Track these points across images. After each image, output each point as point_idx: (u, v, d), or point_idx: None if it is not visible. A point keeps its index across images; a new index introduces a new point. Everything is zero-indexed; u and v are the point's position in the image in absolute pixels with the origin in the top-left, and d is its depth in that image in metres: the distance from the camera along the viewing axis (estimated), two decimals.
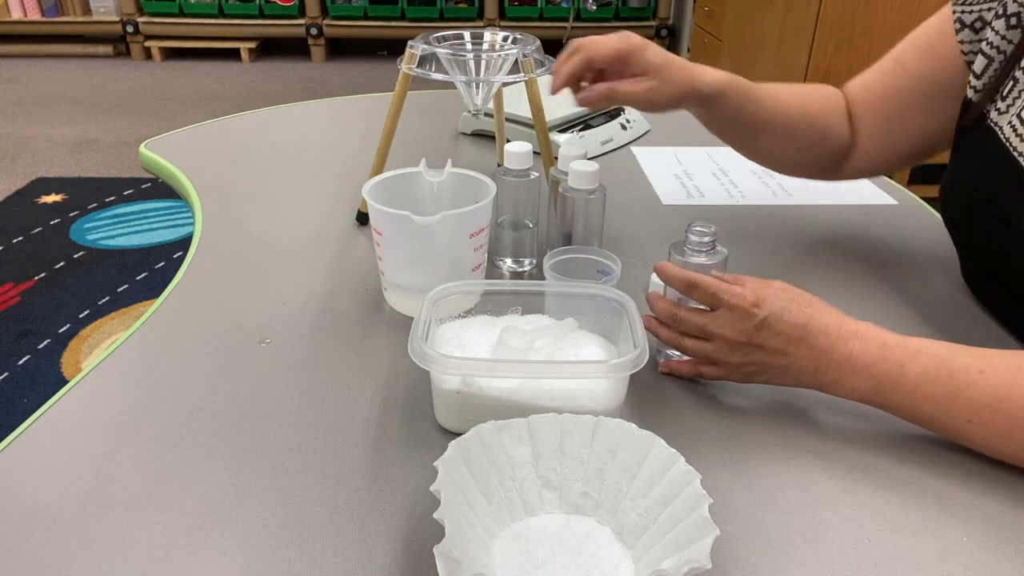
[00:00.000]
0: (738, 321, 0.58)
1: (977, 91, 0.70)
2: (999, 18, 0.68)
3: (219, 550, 0.49)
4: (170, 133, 1.21)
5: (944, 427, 0.56)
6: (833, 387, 0.58)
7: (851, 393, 0.58)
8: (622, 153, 1.18)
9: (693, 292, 0.61)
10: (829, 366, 0.57)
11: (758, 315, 0.58)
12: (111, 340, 1.95)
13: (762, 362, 0.59)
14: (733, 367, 0.60)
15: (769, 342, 0.58)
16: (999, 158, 0.65)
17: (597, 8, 4.46)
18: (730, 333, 0.59)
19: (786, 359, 0.58)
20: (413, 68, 0.81)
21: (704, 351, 0.61)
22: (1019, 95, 0.65)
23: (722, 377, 0.62)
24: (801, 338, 0.57)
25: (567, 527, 0.50)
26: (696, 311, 0.61)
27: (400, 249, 0.71)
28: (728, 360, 0.60)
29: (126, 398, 0.62)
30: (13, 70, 4.20)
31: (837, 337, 0.57)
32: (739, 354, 0.59)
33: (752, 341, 0.58)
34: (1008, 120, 0.65)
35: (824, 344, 0.57)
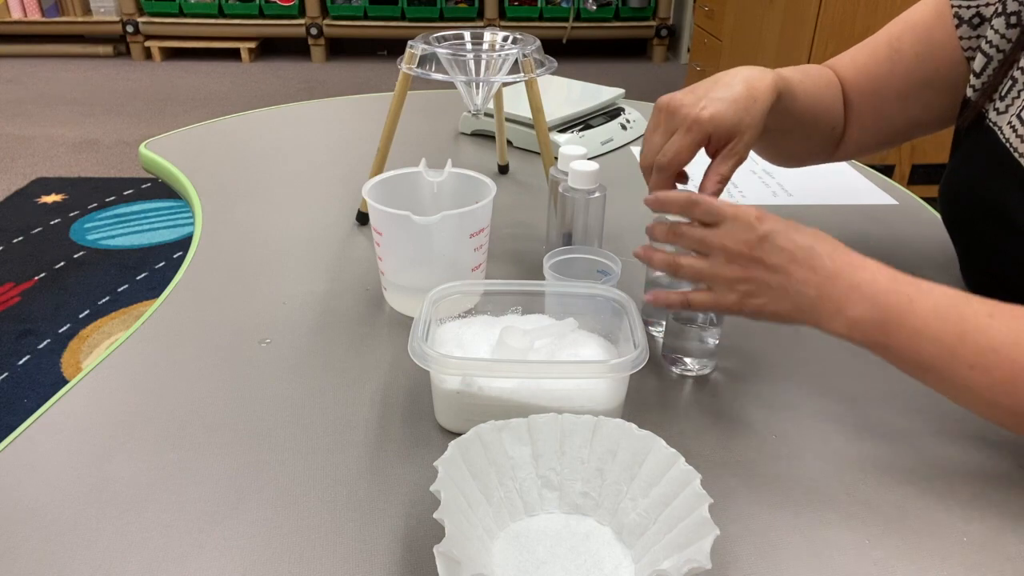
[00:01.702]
0: (740, 231, 0.55)
1: (976, 90, 0.70)
2: (999, 16, 0.68)
3: (219, 550, 0.49)
4: (170, 133, 1.21)
5: (943, 373, 0.52)
6: (833, 318, 0.54)
7: (852, 326, 0.54)
8: (622, 153, 1.18)
9: (695, 209, 0.58)
10: (833, 292, 0.54)
11: (761, 227, 0.55)
12: (111, 340, 1.95)
13: (760, 279, 0.55)
14: (728, 285, 0.56)
15: (771, 257, 0.54)
16: (999, 158, 0.65)
17: (597, 8, 4.46)
18: (730, 243, 0.55)
19: (787, 278, 0.54)
20: (413, 68, 0.81)
21: (699, 268, 0.57)
22: (1018, 95, 0.65)
23: (713, 305, 0.58)
24: (805, 258, 0.54)
25: (567, 527, 0.50)
26: (697, 226, 0.58)
27: (400, 249, 0.71)
28: (724, 275, 0.56)
29: (126, 398, 0.62)
30: (13, 70, 4.20)
31: (844, 263, 0.54)
32: (737, 267, 0.55)
33: (753, 252, 0.55)
34: (1008, 120, 0.65)
35: (830, 267, 0.54)
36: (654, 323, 0.72)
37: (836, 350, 0.70)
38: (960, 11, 0.72)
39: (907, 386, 0.65)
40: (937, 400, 0.63)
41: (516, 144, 1.18)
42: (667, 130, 0.65)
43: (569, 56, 4.53)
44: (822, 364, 0.68)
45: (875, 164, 1.17)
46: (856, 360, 0.69)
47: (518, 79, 0.83)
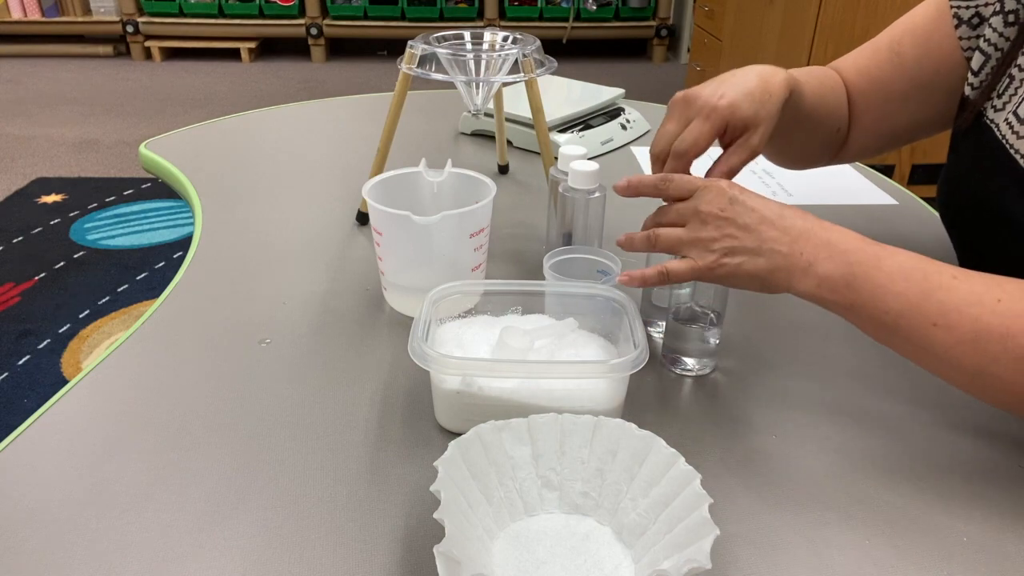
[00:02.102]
0: (712, 196, 0.58)
1: (974, 88, 0.70)
2: (997, 15, 0.68)
3: (219, 550, 0.49)
4: (170, 133, 1.21)
5: (907, 330, 0.53)
6: (805, 274, 0.55)
7: (821, 282, 0.55)
8: (622, 153, 1.18)
9: (668, 185, 0.60)
10: (805, 248, 0.55)
11: (731, 191, 0.58)
12: (111, 340, 1.95)
13: (734, 238, 0.57)
14: (704, 247, 0.57)
15: (742, 216, 0.57)
16: (996, 155, 0.65)
17: (597, 8, 4.46)
18: (703, 206, 0.58)
19: (759, 237, 0.56)
20: (413, 68, 0.81)
21: (676, 235, 0.59)
22: (1015, 92, 0.65)
23: (690, 271, 0.58)
24: (776, 218, 0.57)
25: (567, 527, 0.50)
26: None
27: (400, 249, 0.71)
28: (699, 236, 0.58)
29: (126, 398, 0.62)
30: (13, 70, 4.20)
31: (814, 223, 0.57)
32: (711, 227, 0.57)
33: (724, 213, 0.57)
34: (1004, 117, 0.65)
35: (800, 226, 0.56)
36: (654, 323, 0.72)
37: (836, 350, 0.70)
38: (959, 11, 0.72)
39: (907, 386, 0.65)
40: (937, 400, 0.63)
41: (516, 144, 1.18)
42: (683, 118, 0.65)
43: (569, 56, 4.53)
44: (822, 364, 0.68)
45: (875, 164, 1.17)
46: (856, 360, 0.69)
47: (518, 79, 0.83)
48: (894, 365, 0.68)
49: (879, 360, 0.69)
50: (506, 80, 0.83)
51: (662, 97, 1.09)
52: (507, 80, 0.83)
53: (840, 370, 0.67)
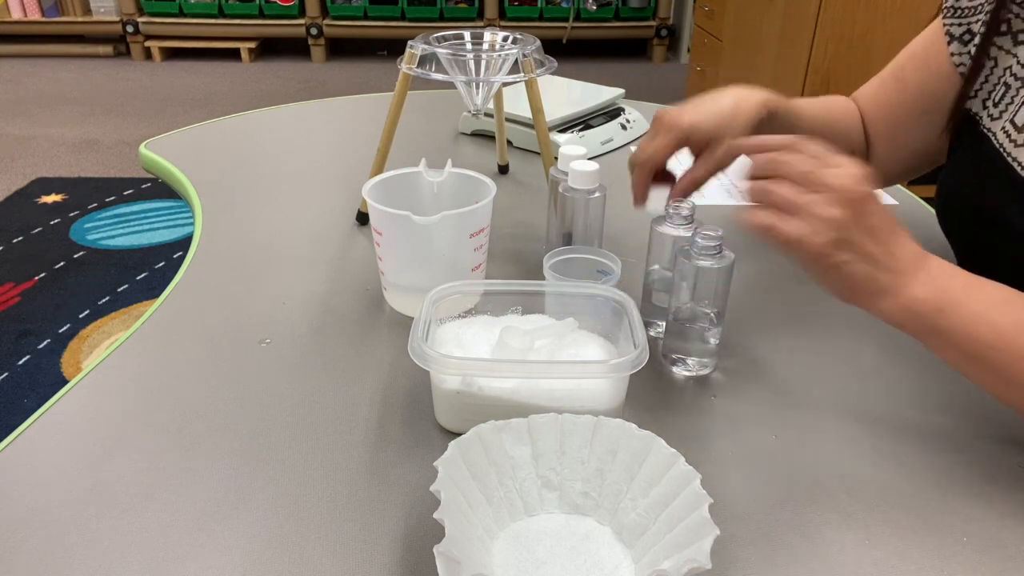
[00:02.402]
0: (849, 179, 0.52)
1: (969, 97, 0.71)
2: (983, 26, 0.69)
3: (219, 550, 0.49)
4: (170, 133, 1.21)
5: (995, 361, 0.52)
6: (895, 295, 0.53)
7: (910, 305, 0.53)
8: (622, 153, 1.18)
9: (801, 146, 0.55)
10: (906, 267, 0.54)
11: (866, 187, 0.53)
12: (111, 340, 1.95)
13: (850, 236, 0.52)
14: (824, 225, 0.52)
15: (871, 219, 0.53)
16: (993, 163, 0.66)
17: (597, 8, 4.46)
18: (838, 182, 0.52)
19: (876, 245, 0.53)
20: (413, 68, 0.81)
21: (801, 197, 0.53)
22: (1011, 101, 0.66)
23: (797, 242, 0.53)
24: (894, 231, 0.54)
25: (567, 527, 0.50)
26: None
27: (400, 249, 0.71)
28: (822, 213, 0.52)
29: (126, 398, 0.62)
30: (13, 70, 4.20)
31: (918, 248, 0.55)
32: (838, 210, 0.52)
33: (855, 206, 0.52)
34: (1001, 126, 0.66)
35: (910, 250, 0.54)
36: (654, 323, 0.72)
37: (836, 350, 0.70)
38: (951, 28, 0.74)
39: (907, 387, 0.65)
40: (937, 401, 0.63)
41: (516, 144, 1.18)
42: (653, 134, 0.68)
43: (569, 56, 4.53)
44: (822, 364, 0.68)
45: None
46: (857, 361, 0.69)
47: (518, 79, 0.83)
48: (894, 365, 0.68)
49: (880, 360, 0.69)
50: (506, 80, 0.83)
51: (662, 97, 1.10)
52: (507, 80, 0.83)
53: (840, 370, 0.67)
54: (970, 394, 0.64)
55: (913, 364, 0.68)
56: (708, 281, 0.63)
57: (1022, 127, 0.64)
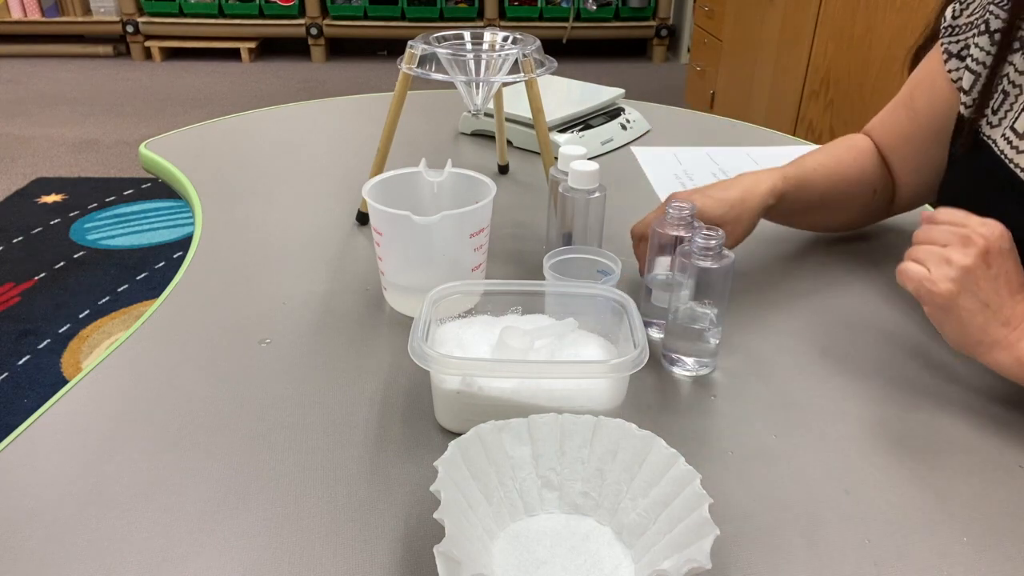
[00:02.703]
0: (989, 232, 0.57)
1: (967, 107, 0.72)
2: (981, 35, 0.70)
3: (219, 550, 0.49)
4: (170, 133, 1.21)
5: None
6: (1009, 348, 0.57)
7: (1020, 357, 0.57)
8: (622, 153, 1.18)
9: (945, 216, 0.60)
10: (1020, 324, 0.57)
11: (1006, 242, 0.58)
12: (111, 340, 1.95)
13: (977, 283, 0.57)
14: (948, 268, 0.57)
15: (999, 265, 0.57)
16: (994, 171, 0.66)
17: (597, 8, 4.46)
18: (975, 235, 0.57)
19: (998, 295, 0.57)
20: (413, 68, 0.81)
21: (932, 250, 0.59)
22: (1010, 108, 0.66)
23: (915, 283, 0.58)
24: (1020, 287, 0.58)
25: (567, 527, 0.50)
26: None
27: (400, 249, 0.71)
28: (951, 257, 0.57)
29: (126, 398, 0.62)
30: (13, 70, 4.20)
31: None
32: (967, 256, 0.57)
33: (990, 256, 0.57)
34: (1001, 133, 0.67)
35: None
36: (654, 323, 0.72)
37: (836, 350, 0.70)
38: (949, 47, 0.74)
39: (907, 387, 0.65)
40: (937, 401, 0.63)
41: (516, 144, 1.18)
42: (660, 209, 0.73)
43: (569, 56, 4.53)
44: (822, 364, 0.68)
45: None
46: (856, 361, 0.69)
47: (518, 79, 0.83)
48: (894, 366, 0.68)
49: (879, 360, 0.69)
50: (506, 80, 0.83)
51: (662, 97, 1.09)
52: (507, 80, 0.83)
53: (840, 370, 0.67)
54: (970, 394, 0.64)
55: (913, 364, 0.68)
56: (708, 281, 0.63)
57: (1023, 133, 0.65)
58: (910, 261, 0.60)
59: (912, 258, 0.60)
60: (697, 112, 1.45)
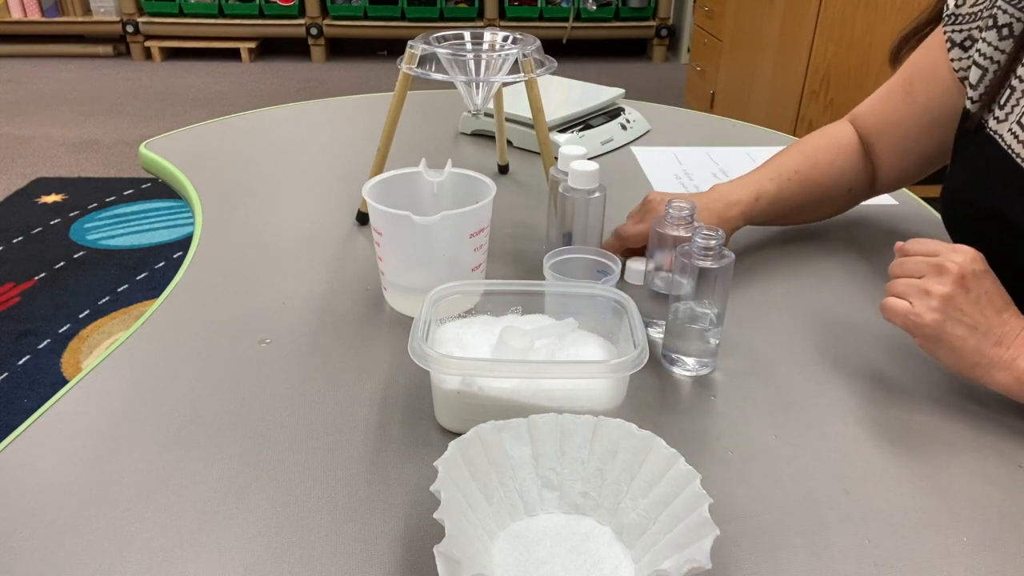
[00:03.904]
0: (961, 258, 0.59)
1: (974, 101, 0.72)
2: (988, 30, 0.70)
3: (219, 550, 0.49)
4: (170, 133, 1.21)
5: None
6: (1007, 368, 0.58)
7: (1021, 376, 0.57)
8: (622, 153, 1.18)
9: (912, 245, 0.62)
10: (1013, 342, 0.58)
11: (978, 264, 0.59)
12: (111, 340, 1.95)
13: (961, 308, 0.58)
14: (930, 299, 0.58)
15: (978, 288, 0.58)
16: (1000, 165, 0.66)
17: (597, 8, 4.46)
18: (948, 263, 0.58)
19: (984, 318, 0.58)
20: (413, 68, 0.81)
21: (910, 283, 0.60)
22: (1017, 103, 0.66)
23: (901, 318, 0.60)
24: (1004, 306, 0.59)
25: (567, 527, 0.50)
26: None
27: (400, 249, 0.71)
28: (930, 289, 0.58)
29: (126, 398, 0.62)
30: (13, 70, 4.20)
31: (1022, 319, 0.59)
32: (945, 285, 0.58)
33: (966, 281, 0.58)
34: (1008, 127, 0.67)
35: (1016, 324, 0.59)
36: (654, 323, 0.72)
37: (836, 350, 0.70)
38: (953, 35, 0.74)
39: (907, 387, 0.65)
40: (937, 401, 0.63)
41: (516, 144, 1.18)
42: (641, 215, 0.77)
43: (569, 56, 4.53)
44: (822, 364, 0.68)
45: None
46: (856, 361, 0.69)
47: (518, 79, 0.83)
48: (894, 366, 0.68)
49: (879, 361, 0.69)
50: (506, 80, 0.83)
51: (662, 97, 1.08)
52: (507, 80, 0.83)
53: (840, 370, 0.67)
54: (970, 394, 0.64)
55: (913, 364, 0.68)
56: (708, 281, 0.63)
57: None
58: (891, 297, 0.61)
59: (892, 293, 0.61)
60: (697, 112, 1.45)
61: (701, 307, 0.65)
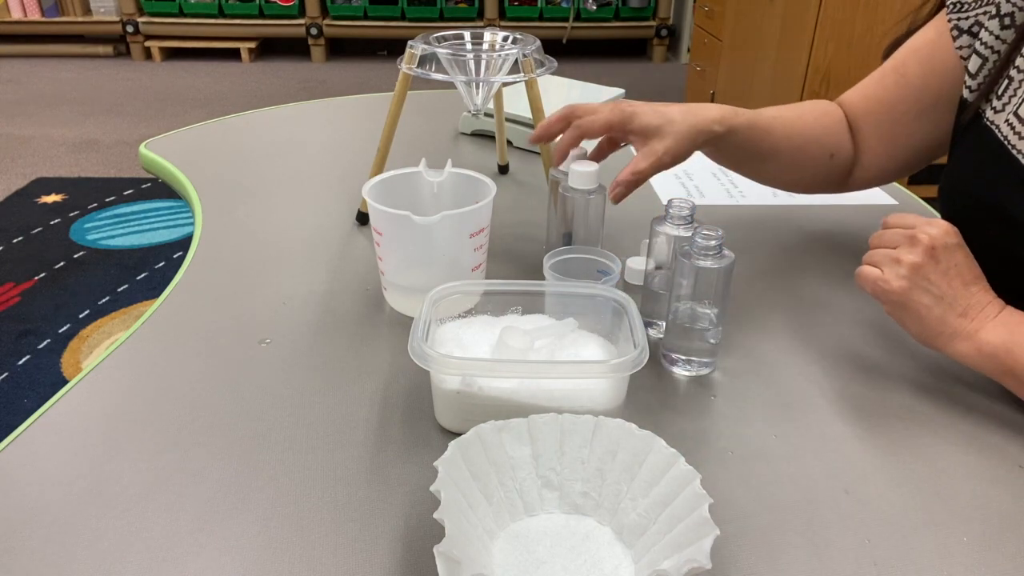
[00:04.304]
0: (935, 230, 0.60)
1: (972, 91, 0.71)
2: (992, 18, 0.69)
3: (219, 550, 0.49)
4: (170, 133, 1.21)
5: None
6: (968, 338, 0.59)
7: (982, 347, 0.59)
8: (622, 153, 1.18)
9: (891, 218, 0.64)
10: (978, 315, 0.59)
11: (951, 238, 0.60)
12: (111, 340, 1.95)
13: (929, 278, 0.59)
14: (899, 267, 0.60)
15: (947, 262, 0.60)
16: (997, 156, 0.66)
17: (597, 8, 4.46)
18: (921, 234, 0.60)
19: (951, 288, 0.60)
20: (413, 68, 0.81)
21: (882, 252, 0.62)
22: (1015, 93, 0.66)
23: (871, 284, 0.62)
24: (973, 279, 0.60)
25: (567, 527, 0.50)
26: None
27: (400, 249, 0.71)
28: (901, 257, 0.60)
29: (126, 398, 0.62)
30: (13, 70, 4.20)
31: (995, 297, 0.61)
32: (916, 255, 0.59)
33: (936, 251, 0.59)
34: (1005, 118, 0.66)
35: (983, 298, 0.60)
36: (654, 323, 0.72)
37: (836, 350, 0.70)
38: (959, 23, 0.73)
39: (908, 387, 0.65)
40: (937, 401, 0.63)
41: (516, 144, 1.18)
42: (599, 107, 0.73)
43: (569, 56, 4.53)
44: (822, 364, 0.68)
45: None
46: (856, 360, 0.69)
47: (518, 79, 0.83)
48: (894, 365, 0.68)
49: (880, 360, 0.69)
50: (506, 80, 0.83)
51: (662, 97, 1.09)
52: (507, 80, 0.83)
53: (840, 370, 0.67)
54: (971, 394, 0.64)
55: (913, 364, 0.68)
56: (708, 281, 0.63)
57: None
58: (865, 265, 0.63)
59: (867, 262, 0.63)
60: None
61: (701, 307, 0.65)
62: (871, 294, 0.62)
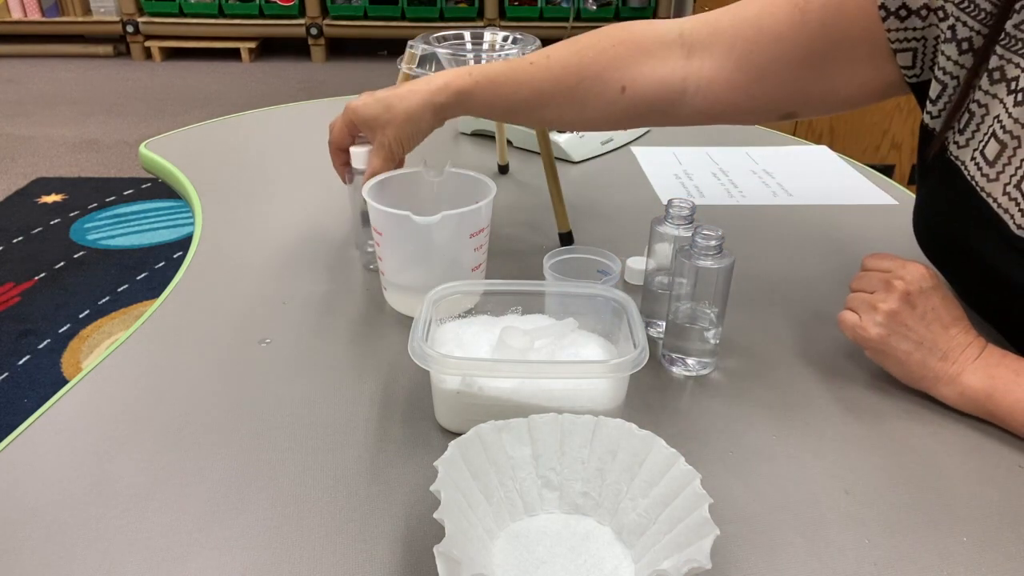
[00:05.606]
0: (910, 276, 0.60)
1: (933, 117, 0.67)
2: (948, 42, 0.63)
3: (219, 550, 0.49)
4: (170, 133, 1.21)
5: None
6: (951, 382, 0.60)
7: (964, 391, 0.59)
8: (622, 153, 1.18)
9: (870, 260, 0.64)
10: (959, 358, 0.60)
11: (927, 282, 0.60)
12: (111, 340, 1.95)
13: (906, 324, 0.60)
14: (876, 314, 0.61)
15: (923, 306, 0.60)
16: (966, 196, 0.64)
17: (597, 8, 4.46)
18: (895, 280, 0.60)
19: (930, 333, 0.60)
20: (413, 68, 0.81)
21: (859, 297, 0.63)
22: (977, 128, 0.63)
23: (851, 331, 0.63)
24: (952, 321, 0.60)
25: (567, 527, 0.50)
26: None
27: (400, 249, 0.71)
28: (877, 305, 0.60)
29: (126, 398, 0.62)
30: (13, 70, 4.20)
31: (976, 338, 0.61)
32: (892, 302, 0.60)
33: (912, 297, 0.60)
34: (971, 156, 0.63)
35: (963, 340, 0.60)
36: (654, 323, 0.72)
37: (836, 350, 0.70)
38: (886, 2, 0.64)
39: (907, 387, 0.65)
40: (937, 402, 0.63)
41: (516, 144, 1.18)
42: (337, 118, 0.75)
43: None
44: (822, 364, 0.68)
45: (875, 164, 1.17)
46: (857, 360, 0.69)
47: None
48: None
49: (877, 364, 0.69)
50: None
51: None
52: None
53: (840, 370, 0.67)
54: None
55: None
56: (708, 281, 0.63)
57: (993, 160, 0.61)
58: (846, 310, 0.64)
59: (848, 306, 0.64)
60: None
61: (701, 307, 0.65)
62: (851, 340, 0.63)
